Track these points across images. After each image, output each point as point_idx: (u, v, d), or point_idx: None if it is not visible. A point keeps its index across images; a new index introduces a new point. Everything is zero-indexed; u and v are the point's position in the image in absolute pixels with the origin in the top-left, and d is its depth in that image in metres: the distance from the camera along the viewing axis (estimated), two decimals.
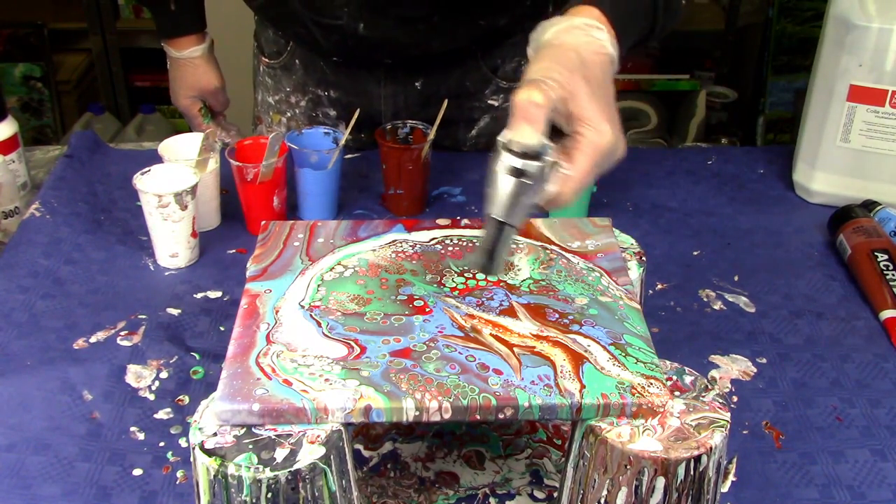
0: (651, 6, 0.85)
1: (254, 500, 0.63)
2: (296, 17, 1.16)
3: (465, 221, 0.87)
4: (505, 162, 0.69)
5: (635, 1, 0.83)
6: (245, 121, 1.45)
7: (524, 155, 0.69)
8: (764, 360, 0.96)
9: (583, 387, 0.67)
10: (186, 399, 0.90)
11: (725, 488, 0.81)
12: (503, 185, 0.70)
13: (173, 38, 1.29)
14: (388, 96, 1.26)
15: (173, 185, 1.06)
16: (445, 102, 1.15)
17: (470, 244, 0.84)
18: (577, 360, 0.70)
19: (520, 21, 1.23)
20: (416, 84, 1.25)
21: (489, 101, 1.29)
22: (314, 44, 1.21)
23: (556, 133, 0.72)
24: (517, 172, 0.69)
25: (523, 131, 0.69)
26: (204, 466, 0.63)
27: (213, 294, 1.05)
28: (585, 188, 0.73)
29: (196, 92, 1.33)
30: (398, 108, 1.26)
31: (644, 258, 0.86)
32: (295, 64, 1.28)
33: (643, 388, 0.67)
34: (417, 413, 0.66)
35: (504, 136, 0.70)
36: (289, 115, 1.32)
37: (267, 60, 1.32)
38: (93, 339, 0.96)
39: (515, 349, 0.71)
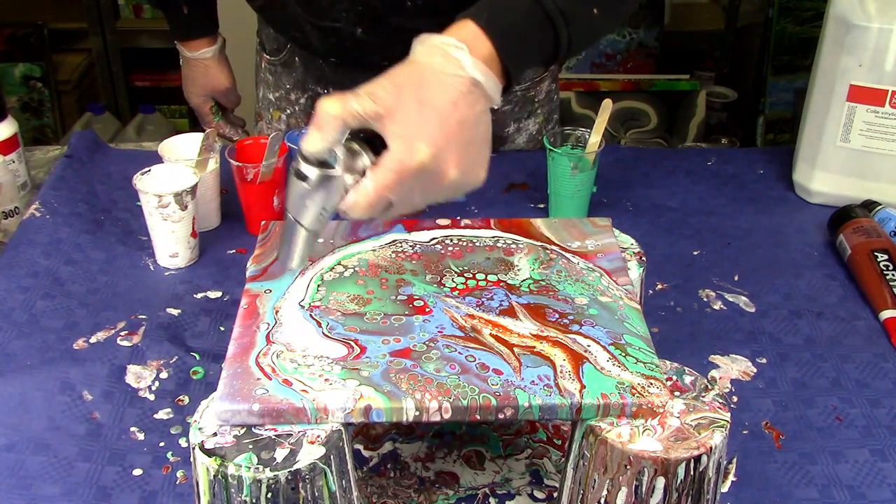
0: (545, 17, 0.77)
1: (254, 500, 0.63)
2: (293, 20, 1.16)
3: (465, 221, 0.87)
4: (294, 164, 0.71)
5: (524, 13, 0.77)
6: (247, 116, 1.45)
7: (313, 161, 0.70)
8: (764, 360, 0.96)
9: (583, 387, 0.67)
10: (186, 399, 0.90)
11: (725, 488, 0.81)
12: (292, 185, 0.71)
13: (186, 40, 1.30)
14: None
15: (173, 185, 1.06)
16: None
17: (470, 244, 0.84)
18: (577, 360, 0.70)
19: None
20: None
21: None
22: (310, 46, 1.21)
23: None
24: (301, 176, 0.70)
25: (310, 138, 0.69)
26: (204, 466, 0.63)
27: (213, 294, 1.05)
28: (382, 205, 0.71)
29: (207, 91, 1.34)
30: None
31: (644, 258, 0.86)
32: (295, 61, 1.29)
33: (643, 388, 0.67)
34: (417, 413, 0.66)
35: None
36: (288, 112, 1.33)
37: (268, 57, 1.32)
38: (93, 340, 0.96)
39: (515, 349, 0.71)
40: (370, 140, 0.72)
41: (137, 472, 0.82)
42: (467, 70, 0.72)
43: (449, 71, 0.72)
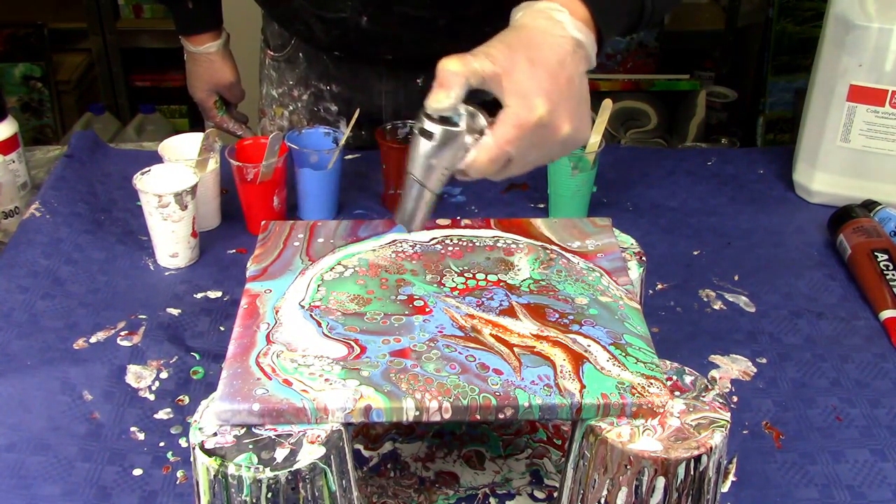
0: None
1: (254, 500, 0.63)
2: (297, 13, 1.17)
3: (465, 221, 0.87)
4: (418, 123, 0.73)
5: None
6: (250, 114, 1.46)
7: (436, 119, 0.72)
8: (764, 360, 0.96)
9: (583, 387, 0.67)
10: (186, 399, 0.90)
11: (725, 488, 0.81)
12: (415, 145, 0.74)
13: (191, 35, 1.30)
14: (389, 92, 1.26)
15: (173, 185, 1.06)
16: None
17: (470, 244, 0.84)
18: (577, 359, 0.70)
19: None
20: (418, 80, 1.25)
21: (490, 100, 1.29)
22: (315, 39, 1.21)
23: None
24: (426, 134, 0.73)
25: (436, 96, 0.72)
26: (204, 466, 0.63)
27: (213, 294, 1.05)
28: (505, 161, 0.74)
29: (212, 86, 1.35)
30: (398, 104, 1.27)
31: (644, 258, 0.86)
32: (298, 57, 1.29)
33: (643, 388, 0.67)
34: (417, 413, 0.66)
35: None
36: (291, 108, 1.33)
37: (272, 53, 1.33)
38: (93, 339, 0.96)
39: (515, 349, 0.71)
40: (481, 103, 0.74)
41: (137, 472, 0.82)
42: (570, 31, 0.76)
43: (554, 32, 0.75)
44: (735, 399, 0.91)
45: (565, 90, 0.74)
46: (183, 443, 0.85)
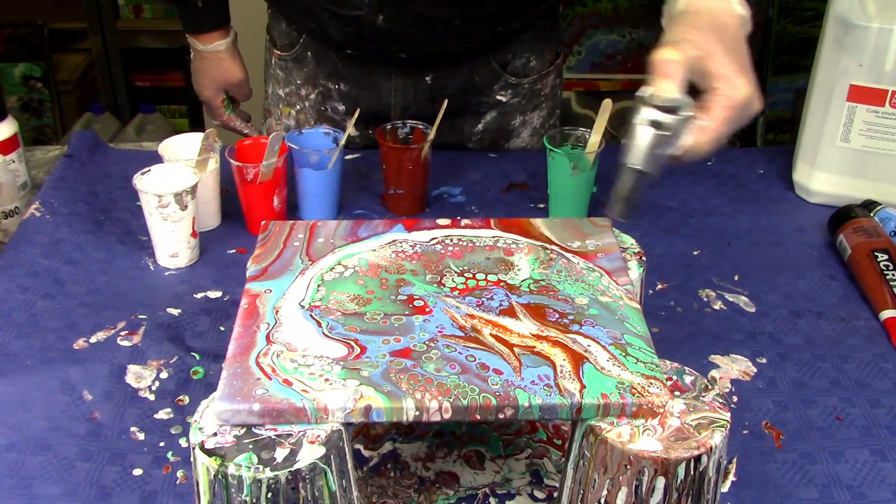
0: None
1: (254, 500, 0.63)
2: (309, 10, 1.17)
3: (465, 221, 0.87)
4: (644, 115, 0.76)
5: None
6: (256, 114, 1.46)
7: (663, 108, 0.75)
8: (764, 360, 0.96)
9: (583, 387, 0.67)
10: (186, 399, 0.90)
11: (725, 488, 0.81)
12: (642, 137, 0.76)
13: (199, 33, 1.30)
14: (397, 90, 1.27)
15: (173, 185, 1.06)
16: (446, 102, 1.15)
17: (470, 244, 0.84)
18: (577, 359, 0.70)
19: (532, 22, 1.24)
20: (426, 79, 1.25)
21: (497, 97, 1.30)
22: (326, 37, 1.21)
23: (693, 92, 0.78)
24: (656, 125, 0.76)
25: (663, 86, 0.76)
26: (204, 466, 0.63)
27: (213, 294, 1.05)
28: (721, 139, 0.78)
29: (220, 84, 1.35)
30: (407, 102, 1.27)
31: (644, 258, 0.86)
32: (307, 56, 1.29)
33: (643, 388, 0.67)
34: (417, 413, 0.66)
35: (644, 92, 0.76)
36: (298, 107, 1.33)
37: (279, 53, 1.33)
38: (93, 339, 0.96)
39: (515, 349, 0.71)
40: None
41: (137, 472, 0.82)
42: (737, 9, 0.82)
43: (729, 12, 0.81)
44: (735, 399, 0.91)
45: (749, 66, 0.79)
46: (183, 443, 0.85)
